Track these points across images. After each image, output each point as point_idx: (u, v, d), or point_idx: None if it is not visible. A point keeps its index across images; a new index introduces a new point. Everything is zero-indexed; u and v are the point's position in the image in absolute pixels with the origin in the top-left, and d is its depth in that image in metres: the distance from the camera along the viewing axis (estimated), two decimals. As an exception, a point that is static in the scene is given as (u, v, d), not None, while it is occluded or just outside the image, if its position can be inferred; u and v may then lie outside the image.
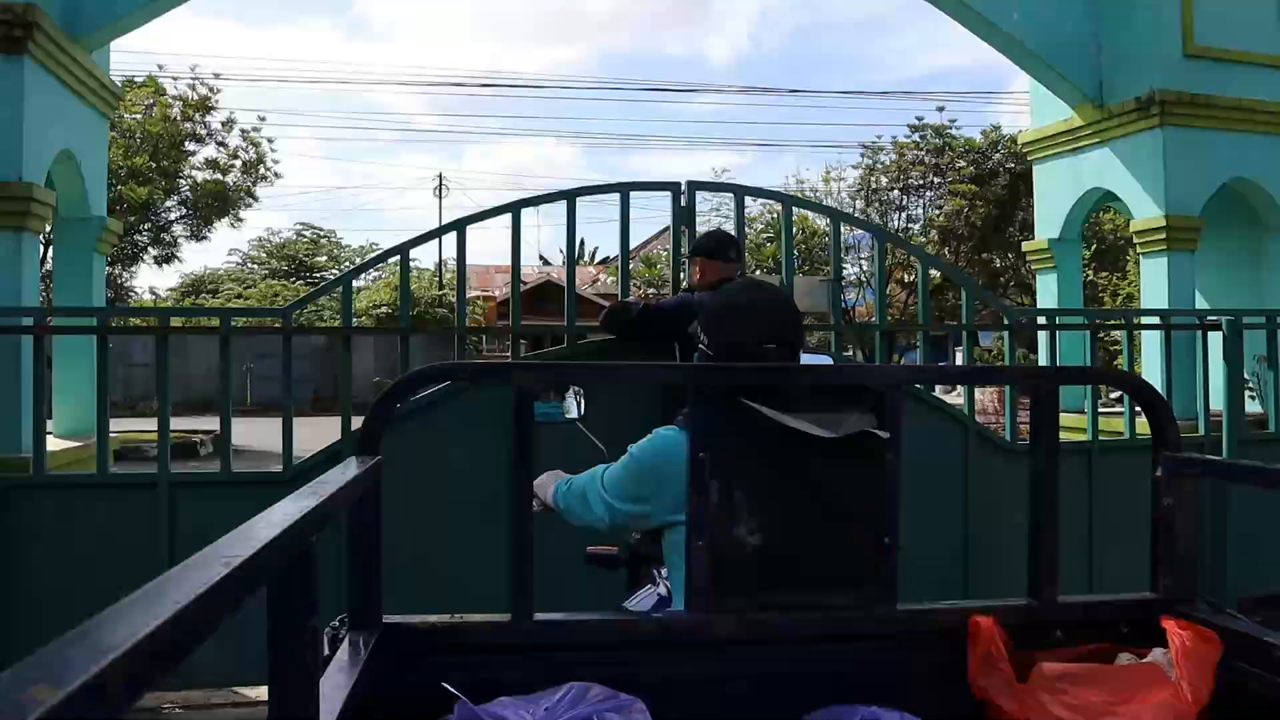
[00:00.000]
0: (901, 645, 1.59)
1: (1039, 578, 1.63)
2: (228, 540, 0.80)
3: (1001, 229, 19.50)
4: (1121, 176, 6.77)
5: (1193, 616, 1.55)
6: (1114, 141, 6.79)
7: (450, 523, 3.68)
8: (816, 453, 1.55)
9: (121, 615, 0.58)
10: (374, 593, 1.46)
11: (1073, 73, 6.73)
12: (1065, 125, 7.18)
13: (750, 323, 1.79)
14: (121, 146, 14.74)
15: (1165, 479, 1.63)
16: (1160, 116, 6.34)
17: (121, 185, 14.42)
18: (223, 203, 15.45)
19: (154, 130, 14.78)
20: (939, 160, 19.99)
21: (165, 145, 14.93)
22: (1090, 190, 7.19)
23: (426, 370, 1.52)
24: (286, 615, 0.98)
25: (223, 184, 15.55)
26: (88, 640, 0.53)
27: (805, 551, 1.58)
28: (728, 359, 1.78)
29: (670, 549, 1.85)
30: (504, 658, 1.49)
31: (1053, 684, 1.45)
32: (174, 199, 14.88)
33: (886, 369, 1.65)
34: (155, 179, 14.53)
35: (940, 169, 20.06)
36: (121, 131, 14.92)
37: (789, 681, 1.53)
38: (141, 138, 14.93)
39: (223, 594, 0.68)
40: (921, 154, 19.91)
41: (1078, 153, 7.20)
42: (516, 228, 3.94)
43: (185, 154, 15.37)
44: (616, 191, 4.05)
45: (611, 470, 1.88)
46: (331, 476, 1.21)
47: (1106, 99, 6.75)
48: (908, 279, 19.98)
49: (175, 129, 14.97)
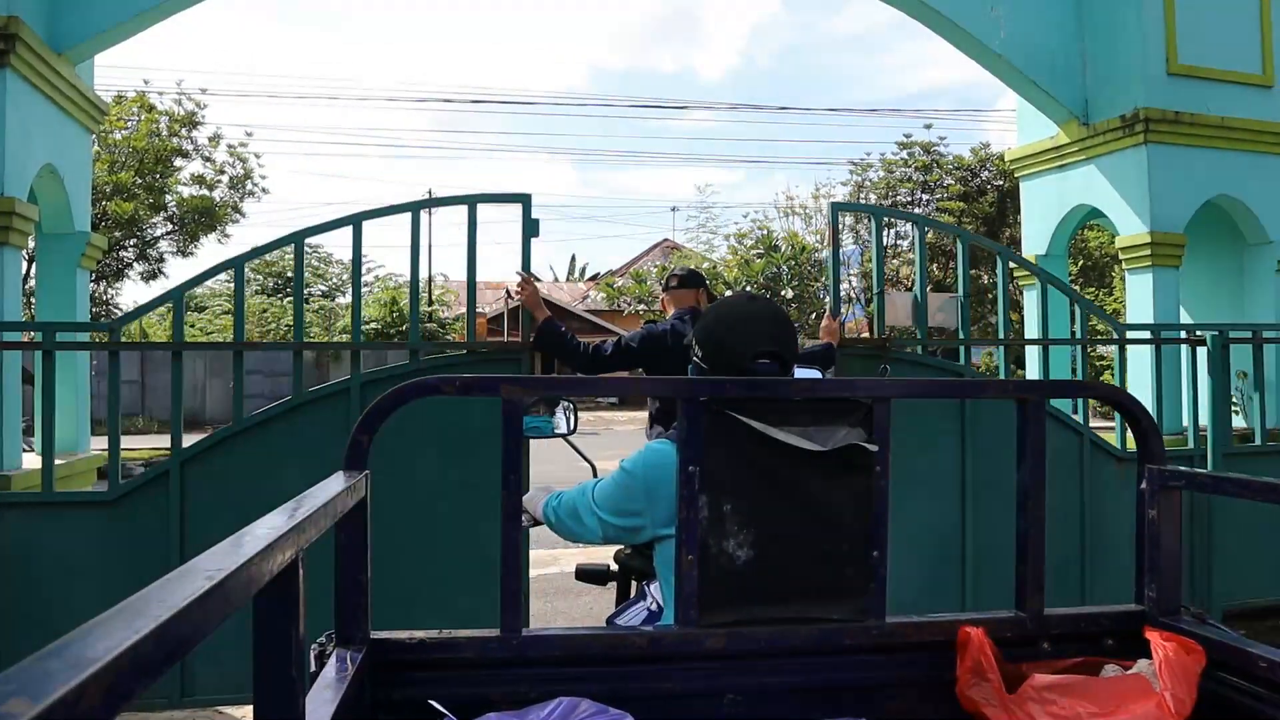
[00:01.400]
0: (891, 657, 1.59)
1: (1026, 590, 1.64)
2: (213, 553, 0.80)
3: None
4: (1107, 193, 6.81)
5: (1177, 628, 1.57)
6: (1100, 158, 6.83)
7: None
8: (806, 466, 1.55)
9: (103, 628, 0.57)
10: (361, 608, 1.45)
11: (1059, 91, 6.77)
12: (1052, 142, 7.23)
13: (744, 335, 1.79)
14: (107, 162, 14.68)
15: (1150, 491, 1.64)
16: (1144, 134, 6.39)
17: (107, 201, 14.35)
18: (209, 219, 15.37)
19: (140, 145, 14.72)
20: (927, 177, 20.12)
21: (151, 160, 14.86)
22: (1076, 207, 7.23)
23: (414, 384, 1.50)
24: (272, 630, 0.97)
25: (209, 200, 15.48)
26: (68, 652, 0.52)
27: (795, 564, 1.57)
28: (722, 371, 1.78)
29: (662, 562, 1.86)
30: (492, 673, 1.48)
31: (1041, 695, 1.46)
32: (160, 215, 14.78)
33: (874, 382, 1.61)
34: (141, 195, 14.44)
35: (929, 186, 20.18)
36: (107, 147, 14.87)
37: (779, 694, 1.54)
38: (128, 153, 14.87)
39: (206, 608, 0.67)
40: (910, 170, 20.03)
41: (1064, 169, 7.24)
42: (357, 243, 3.82)
43: (172, 169, 15.30)
44: (464, 204, 3.88)
45: (602, 484, 1.88)
46: (318, 491, 1.21)
47: (1092, 117, 6.80)
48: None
49: (162, 144, 14.91)
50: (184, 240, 15.47)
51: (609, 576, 2.53)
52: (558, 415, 2.47)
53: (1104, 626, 1.66)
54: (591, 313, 36.56)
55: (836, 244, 4.38)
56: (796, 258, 17.14)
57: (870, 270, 15.62)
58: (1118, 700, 1.43)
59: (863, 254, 19.93)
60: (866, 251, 19.58)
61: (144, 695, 1.38)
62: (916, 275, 4.42)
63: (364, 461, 1.46)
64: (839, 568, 1.58)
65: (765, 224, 18.87)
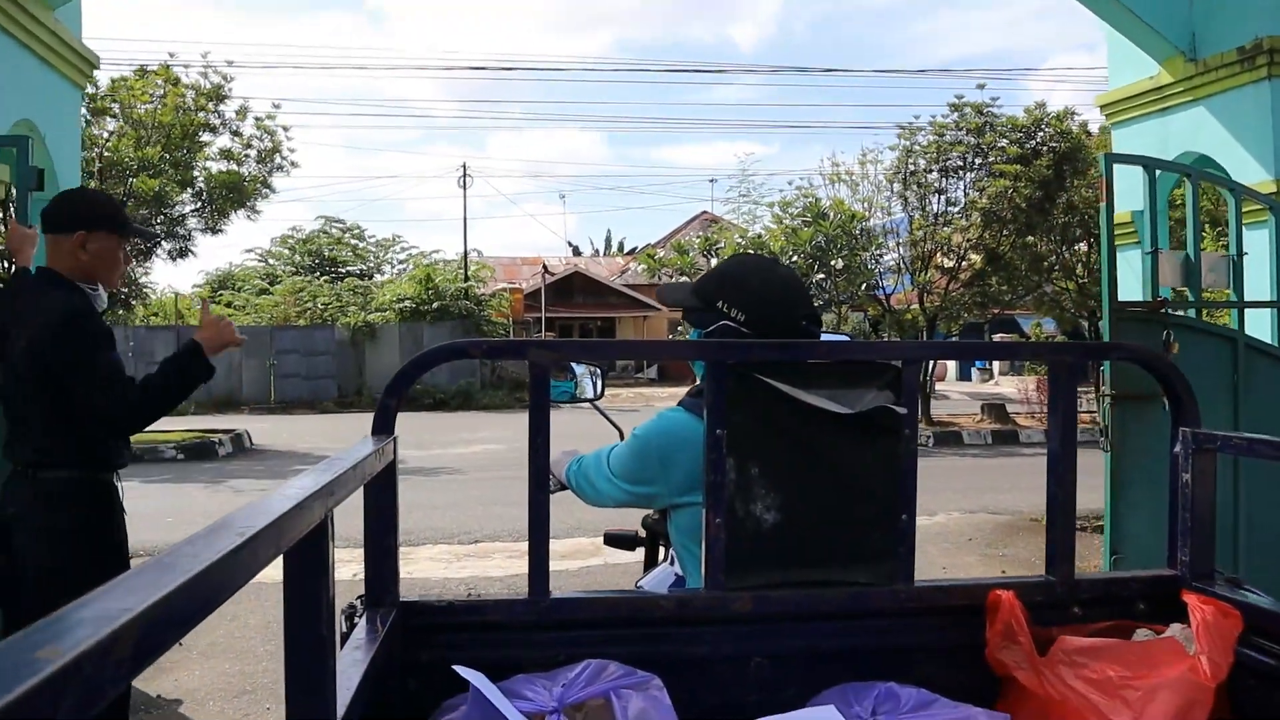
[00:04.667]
0: (919, 621, 1.60)
1: (1056, 553, 1.63)
2: (244, 511, 0.81)
3: (1046, 210, 18.58)
4: (1219, 137, 6.00)
5: (1212, 592, 1.56)
6: (1210, 98, 6.02)
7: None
8: (834, 429, 1.54)
9: (134, 581, 0.59)
10: (390, 571, 1.47)
11: (1162, 23, 5.98)
12: (1151, 83, 6.41)
13: (796, 296, 1.82)
14: (133, 138, 14.30)
15: (1184, 454, 1.62)
16: (1268, 68, 5.57)
17: (134, 178, 13.98)
18: (238, 194, 14.95)
19: (166, 120, 14.30)
20: (980, 140, 19.10)
21: (178, 135, 14.45)
22: (1181, 155, 6.42)
23: (441, 348, 1.53)
24: (302, 589, 0.98)
25: (238, 175, 15.04)
26: (99, 604, 0.54)
27: (823, 528, 1.58)
28: (772, 334, 1.75)
29: (676, 530, 1.87)
30: (521, 635, 1.50)
31: (1072, 658, 1.45)
32: (188, 192, 14.36)
33: (904, 345, 1.59)
34: (167, 170, 14.04)
35: (982, 149, 19.16)
36: (132, 123, 14.48)
37: (806, 658, 1.54)
38: (153, 128, 14.47)
39: (236, 563, 0.69)
40: (962, 134, 19.01)
41: (1166, 113, 6.43)
42: None
43: (199, 145, 14.88)
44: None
45: (617, 451, 1.88)
46: (348, 454, 1.21)
47: (1200, 51, 5.98)
48: (946, 264, 19.22)
49: (188, 119, 14.48)
50: (213, 217, 15.06)
51: (637, 541, 2.53)
52: (583, 380, 2.46)
53: (1135, 591, 1.66)
54: (630, 287, 35.97)
55: (1111, 202, 4.01)
56: (845, 225, 16.28)
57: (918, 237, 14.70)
58: (1150, 664, 1.42)
59: (910, 222, 19.11)
60: (914, 220, 18.71)
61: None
62: (1189, 234, 4.17)
63: (392, 426, 1.47)
64: (867, 531, 1.59)
65: (810, 191, 18.01)
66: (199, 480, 11.60)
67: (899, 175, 19.44)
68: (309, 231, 36.51)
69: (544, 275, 31.36)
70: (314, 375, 25.12)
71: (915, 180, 19.35)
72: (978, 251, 18.44)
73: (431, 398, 23.19)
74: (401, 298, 27.22)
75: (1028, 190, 18.01)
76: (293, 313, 28.15)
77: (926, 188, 19.51)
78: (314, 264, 35.27)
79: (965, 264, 18.43)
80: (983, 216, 17.87)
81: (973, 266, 18.77)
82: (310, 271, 33.44)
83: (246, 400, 24.47)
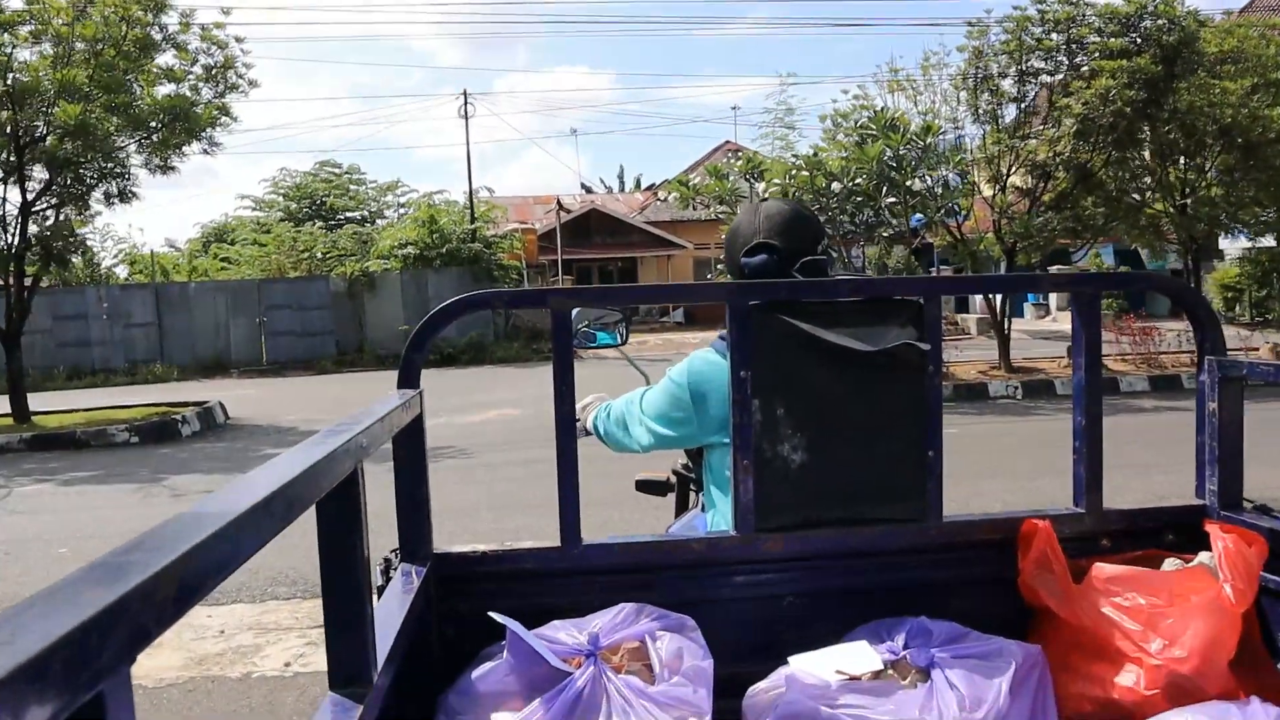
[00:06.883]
0: (949, 556, 1.61)
1: (1084, 486, 1.64)
2: (277, 462, 0.83)
3: (1153, 117, 15.64)
4: None
5: (1238, 520, 1.57)
6: None
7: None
8: (858, 367, 1.54)
9: (176, 526, 0.62)
10: (423, 523, 1.51)
11: None
12: None
13: (809, 229, 1.84)
14: (50, 59, 11.68)
15: (1210, 384, 1.62)
16: None
17: (54, 106, 11.40)
18: (189, 123, 12.32)
19: (91, 34, 11.64)
20: (1069, 34, 16.10)
21: (111, 54, 11.80)
22: None
23: (463, 299, 1.55)
24: (336, 540, 1.01)
25: (186, 99, 12.40)
26: (144, 547, 0.56)
27: (851, 467, 1.58)
28: (787, 269, 1.76)
29: (708, 469, 1.89)
30: (555, 583, 1.54)
31: (1104, 587, 1.46)
32: (124, 120, 11.75)
33: (923, 280, 1.62)
34: (95, 94, 11.43)
35: (1071, 47, 16.18)
36: (53, 39, 11.84)
37: (838, 596, 1.57)
38: (84, 47, 11.83)
39: (269, 512, 0.71)
40: (1044, 30, 16.02)
41: None
42: None
43: (138, 65, 12.22)
44: None
45: (650, 394, 1.90)
46: (375, 408, 1.24)
47: None
48: (1028, 184, 16.44)
49: (118, 31, 11.81)
50: (160, 152, 12.46)
51: (668, 487, 2.49)
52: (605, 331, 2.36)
53: (1163, 521, 1.68)
54: (652, 224, 33.16)
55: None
56: (922, 137, 13.49)
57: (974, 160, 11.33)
58: (1178, 591, 1.43)
59: (984, 136, 16.36)
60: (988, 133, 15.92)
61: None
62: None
63: (417, 379, 1.52)
64: (895, 468, 1.59)
65: (869, 102, 15.16)
66: (137, 477, 9.12)
67: (968, 81, 16.56)
68: (301, 174, 33.79)
69: (559, 213, 28.59)
70: (309, 332, 22.72)
71: (988, 86, 16.45)
72: (1068, 168, 15.59)
73: (439, 353, 20.75)
74: (404, 243, 24.65)
75: (1131, 92, 15.09)
76: (286, 264, 25.66)
77: (1000, 95, 16.62)
78: (310, 211, 32.68)
79: (1049, 184, 15.64)
80: (1078, 124, 14.98)
81: (1057, 187, 15.94)
82: (307, 220, 30.88)
83: (236, 363, 22.14)
